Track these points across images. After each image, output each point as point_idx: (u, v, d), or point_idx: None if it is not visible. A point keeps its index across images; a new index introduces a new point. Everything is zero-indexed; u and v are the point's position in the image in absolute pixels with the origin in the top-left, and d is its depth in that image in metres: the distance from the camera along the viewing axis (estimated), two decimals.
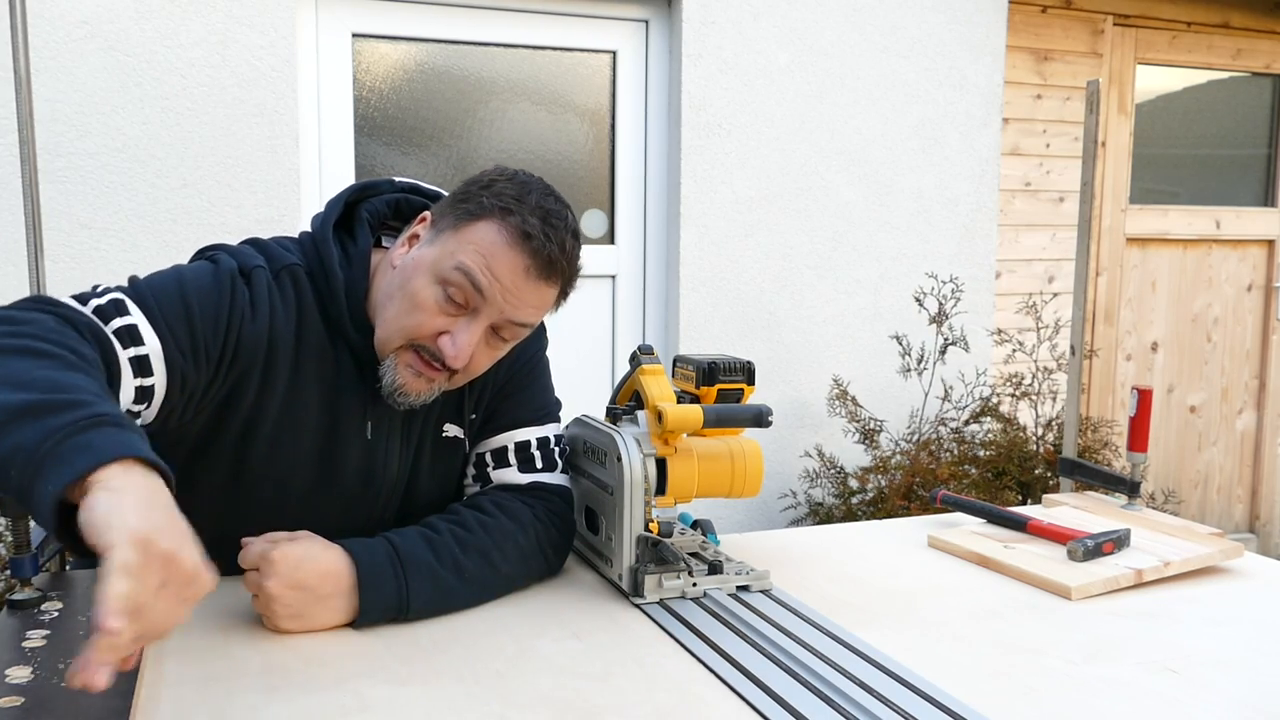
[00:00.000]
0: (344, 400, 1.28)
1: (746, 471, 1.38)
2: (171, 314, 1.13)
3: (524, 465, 1.38)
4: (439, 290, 1.20)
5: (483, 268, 1.19)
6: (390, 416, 1.31)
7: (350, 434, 1.29)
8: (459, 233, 1.21)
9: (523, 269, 1.20)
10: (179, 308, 1.14)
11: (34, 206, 1.41)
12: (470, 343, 1.21)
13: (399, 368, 1.23)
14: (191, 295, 1.16)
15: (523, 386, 1.41)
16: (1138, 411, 1.78)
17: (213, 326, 1.16)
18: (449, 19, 3.10)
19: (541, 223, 1.20)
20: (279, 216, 2.86)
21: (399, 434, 1.33)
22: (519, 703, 1.01)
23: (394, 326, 1.23)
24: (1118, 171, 4.05)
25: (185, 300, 1.15)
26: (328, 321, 1.26)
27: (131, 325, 1.10)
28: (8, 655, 1.03)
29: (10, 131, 2.59)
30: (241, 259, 1.23)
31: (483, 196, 1.22)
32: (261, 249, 1.27)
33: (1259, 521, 4.51)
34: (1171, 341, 4.28)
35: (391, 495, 1.35)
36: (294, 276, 1.25)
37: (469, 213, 1.22)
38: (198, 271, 1.20)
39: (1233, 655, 1.17)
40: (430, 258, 1.22)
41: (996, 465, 3.23)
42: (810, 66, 3.42)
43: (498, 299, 1.20)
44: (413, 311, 1.21)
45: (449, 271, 1.19)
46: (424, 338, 1.21)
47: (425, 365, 1.23)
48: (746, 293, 3.41)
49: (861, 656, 1.12)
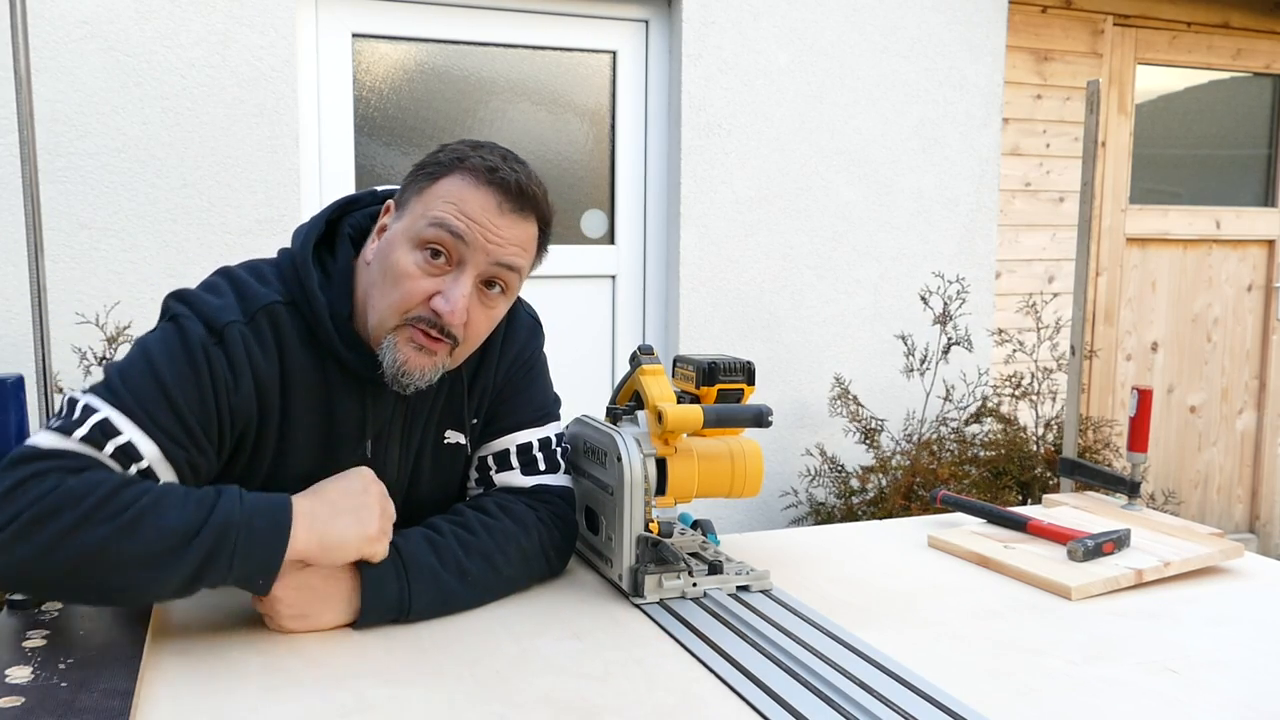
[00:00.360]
0: (339, 425, 1.26)
1: (746, 471, 1.38)
2: (158, 411, 1.10)
3: (526, 467, 1.38)
4: (419, 254, 1.18)
5: (456, 214, 1.18)
6: (389, 426, 1.29)
7: (347, 456, 1.27)
8: (423, 196, 1.20)
9: (495, 205, 1.19)
10: (162, 402, 1.11)
11: (34, 206, 1.41)
12: (463, 294, 1.18)
13: (398, 345, 1.20)
14: (170, 384, 1.12)
15: (522, 388, 1.40)
16: (1138, 411, 1.78)
17: (200, 410, 1.13)
18: (449, 19, 3.10)
19: (502, 160, 1.21)
20: (279, 216, 2.86)
21: (398, 443, 1.31)
22: (519, 703, 1.01)
23: (384, 307, 1.20)
24: (1118, 171, 4.05)
25: (166, 393, 1.11)
26: (315, 347, 1.23)
27: (126, 443, 1.08)
28: (8, 655, 1.04)
29: (10, 131, 2.59)
30: (210, 315, 1.17)
31: (438, 157, 1.22)
32: (235, 286, 1.22)
33: (1259, 522, 4.51)
34: (1171, 341, 4.28)
35: (393, 499, 1.34)
36: (271, 316, 1.20)
37: (429, 175, 1.21)
38: (168, 349, 1.14)
39: (1233, 655, 1.17)
40: (403, 228, 1.21)
41: (997, 465, 3.23)
42: (810, 66, 3.42)
43: (479, 241, 1.18)
44: (398, 283, 1.18)
45: (424, 230, 1.18)
46: (416, 305, 1.19)
47: (425, 337, 1.20)
48: (746, 293, 3.41)
49: (861, 656, 1.12)
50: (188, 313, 1.17)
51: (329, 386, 1.24)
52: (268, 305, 1.20)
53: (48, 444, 1.06)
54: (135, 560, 1.02)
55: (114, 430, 1.08)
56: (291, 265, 1.25)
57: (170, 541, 1.03)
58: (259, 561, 1.08)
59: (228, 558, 1.05)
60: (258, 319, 1.19)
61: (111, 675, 1.00)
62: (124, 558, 1.02)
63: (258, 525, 1.07)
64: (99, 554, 1.01)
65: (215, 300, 1.19)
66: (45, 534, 1.00)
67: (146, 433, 1.09)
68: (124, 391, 1.11)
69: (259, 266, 1.27)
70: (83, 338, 2.59)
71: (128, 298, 2.73)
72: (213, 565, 1.05)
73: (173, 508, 1.05)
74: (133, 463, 1.09)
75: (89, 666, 1.01)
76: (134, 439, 1.09)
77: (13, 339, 2.64)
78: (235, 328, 1.17)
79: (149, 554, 1.03)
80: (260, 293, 1.21)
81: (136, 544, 1.02)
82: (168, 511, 1.04)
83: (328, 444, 1.26)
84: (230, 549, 1.05)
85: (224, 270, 1.26)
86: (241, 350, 1.17)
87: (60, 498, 1.01)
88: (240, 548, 1.06)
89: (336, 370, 1.24)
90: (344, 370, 1.24)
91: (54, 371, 1.61)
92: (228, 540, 1.05)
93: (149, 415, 1.10)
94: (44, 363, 1.50)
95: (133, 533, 1.02)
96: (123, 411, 1.09)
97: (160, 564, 1.03)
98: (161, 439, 1.10)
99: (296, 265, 1.24)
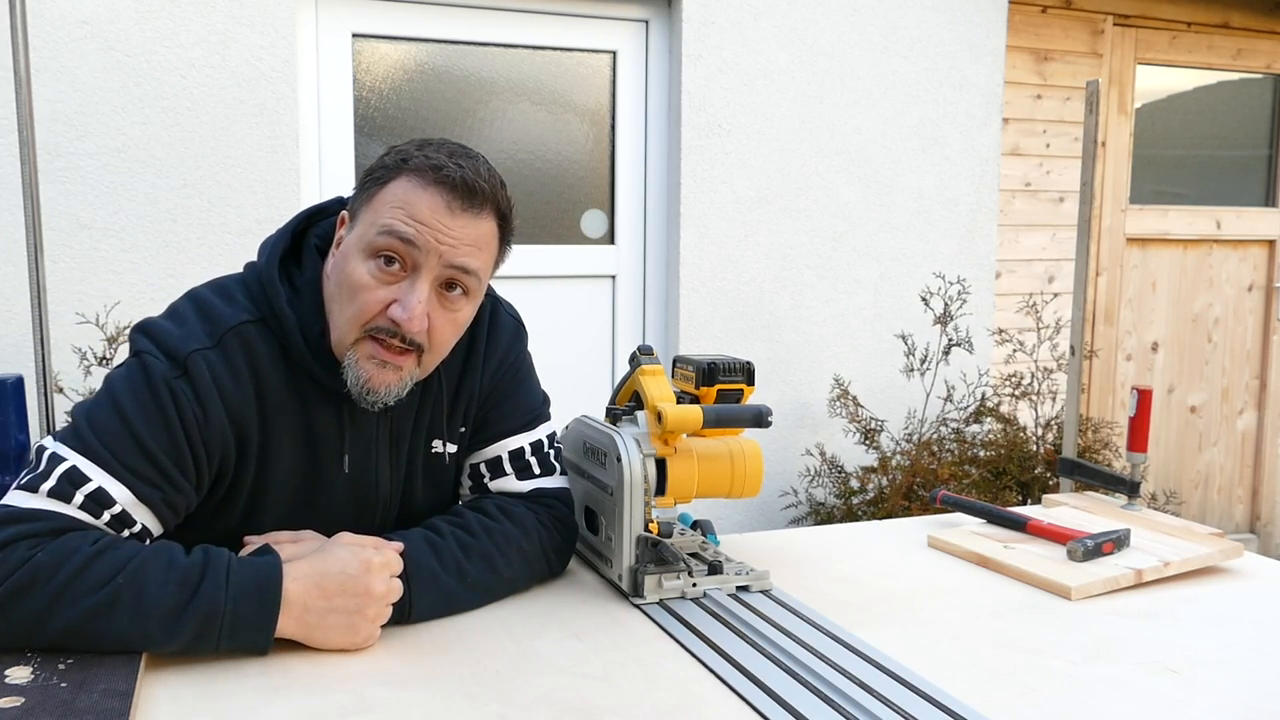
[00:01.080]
0: (319, 442, 1.24)
1: (746, 472, 1.38)
2: (126, 454, 1.09)
3: (521, 473, 1.37)
4: (371, 263, 1.15)
5: (404, 218, 1.14)
6: (373, 441, 1.28)
7: (329, 472, 1.26)
8: (372, 203, 1.18)
9: (444, 205, 1.15)
10: (130, 444, 1.09)
11: (34, 206, 1.41)
12: (419, 300, 1.15)
13: (359, 362, 1.17)
14: (137, 425, 1.10)
15: (509, 392, 1.38)
16: (1138, 412, 1.78)
17: (170, 447, 1.11)
18: (449, 19, 3.10)
19: (448, 158, 1.17)
20: (279, 216, 2.86)
21: (387, 457, 1.30)
22: (519, 703, 1.01)
23: (342, 321, 1.18)
24: (1118, 172, 4.05)
25: (133, 434, 1.10)
26: (289, 364, 1.20)
27: (96, 489, 1.07)
28: (8, 655, 1.04)
29: (10, 131, 2.59)
30: (172, 347, 1.14)
31: (385, 161, 1.20)
32: (200, 310, 1.19)
33: (1259, 522, 4.51)
34: (1172, 341, 4.28)
35: (387, 516, 1.33)
36: (242, 338, 1.17)
37: (376, 180, 1.19)
38: (132, 389, 1.12)
39: (1233, 655, 1.17)
40: (354, 238, 1.18)
41: (997, 465, 3.23)
42: (810, 66, 3.42)
43: (430, 244, 1.14)
44: (354, 295, 1.16)
45: (374, 238, 1.15)
46: (373, 316, 1.16)
47: (387, 351, 1.17)
48: (746, 293, 3.41)
49: (861, 656, 1.12)
50: (151, 348, 1.15)
51: (306, 403, 1.22)
52: (236, 326, 1.17)
53: (17, 504, 1.06)
54: (117, 639, 1.03)
55: (82, 478, 1.07)
56: (259, 282, 1.22)
57: (149, 625, 1.03)
58: (246, 642, 1.07)
59: (213, 642, 1.05)
60: (225, 342, 1.16)
61: (111, 675, 1.00)
62: (107, 634, 1.03)
63: (243, 611, 1.05)
64: (79, 631, 1.02)
65: (177, 330, 1.16)
66: (21, 612, 1.01)
67: (116, 477, 1.08)
68: (90, 437, 1.09)
69: (226, 285, 1.23)
70: (83, 338, 2.59)
71: (128, 298, 2.73)
72: (199, 647, 1.06)
73: (153, 583, 1.04)
74: (105, 509, 1.08)
75: (89, 666, 1.01)
76: (104, 484, 1.08)
77: (13, 339, 2.64)
78: (199, 357, 1.14)
79: (131, 632, 1.03)
80: (226, 314, 1.18)
81: (115, 624, 1.02)
82: (148, 588, 1.03)
83: (310, 461, 1.24)
84: (215, 635, 1.05)
85: (190, 294, 1.23)
86: (208, 379, 1.14)
87: (30, 574, 1.01)
88: (225, 633, 1.05)
89: (312, 387, 1.22)
90: (320, 386, 1.22)
91: (54, 371, 1.61)
92: (212, 627, 1.05)
93: (117, 459, 1.09)
94: (44, 363, 1.50)
95: (110, 613, 1.02)
96: (90, 458, 1.08)
97: (146, 641, 1.04)
98: (132, 481, 1.09)
99: (264, 282, 1.21)
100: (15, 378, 1.93)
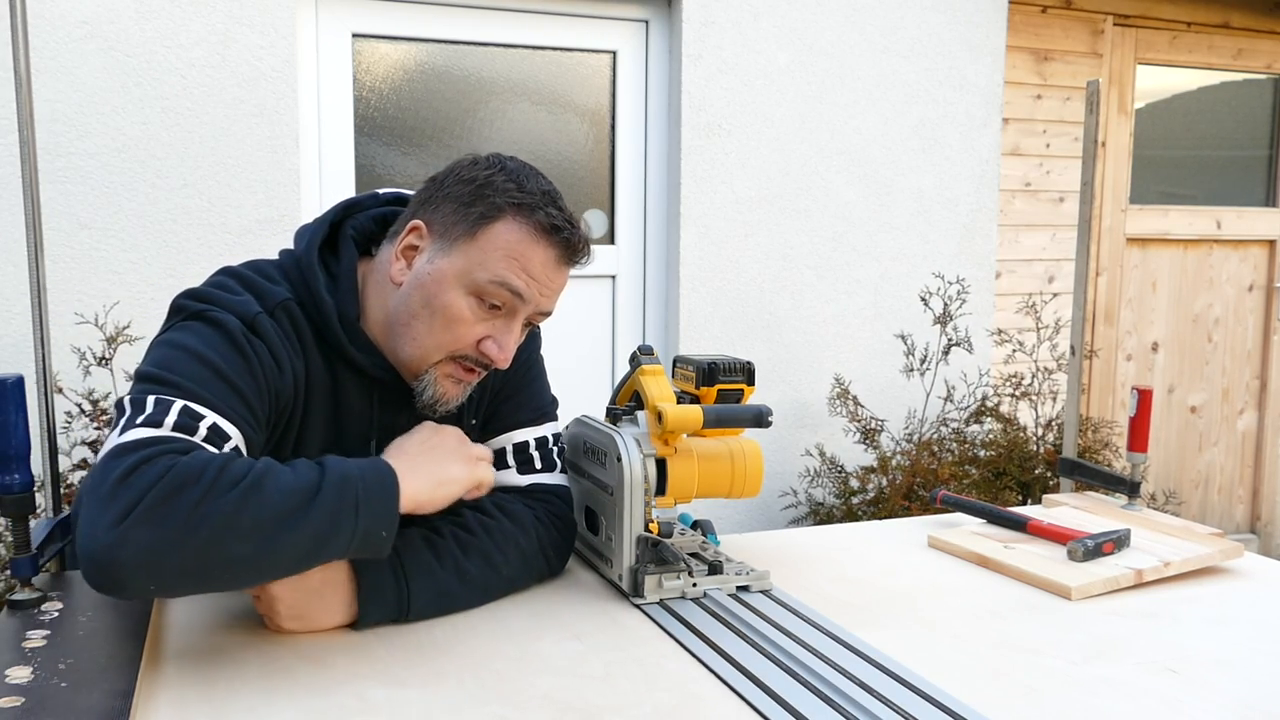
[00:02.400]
0: (347, 423, 1.28)
1: (746, 472, 1.38)
2: (223, 395, 1.11)
3: (523, 466, 1.38)
4: (474, 301, 1.22)
5: (518, 272, 1.21)
6: (399, 428, 1.29)
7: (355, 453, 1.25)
8: (477, 240, 1.21)
9: (554, 261, 1.23)
10: (224, 386, 1.11)
11: (34, 206, 1.41)
12: (515, 342, 1.25)
13: (439, 379, 1.25)
14: (225, 369, 1.12)
15: (520, 388, 1.41)
16: (1138, 412, 1.78)
17: (257, 394, 1.15)
18: (449, 19, 3.10)
19: (558, 211, 1.23)
20: (279, 216, 2.86)
21: None
22: (519, 703, 1.01)
23: (430, 343, 1.23)
24: (1118, 172, 4.05)
25: (224, 377, 1.12)
26: (323, 347, 1.24)
27: (213, 424, 1.08)
28: (8, 655, 1.04)
29: (10, 131, 2.59)
30: (238, 309, 1.18)
31: (489, 195, 1.21)
32: (248, 286, 1.22)
33: (1260, 522, 4.51)
34: (1172, 342, 4.28)
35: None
36: (289, 313, 1.22)
37: (482, 216, 1.21)
38: (209, 341, 1.14)
39: (1233, 655, 1.17)
40: (454, 269, 1.21)
41: (997, 465, 3.23)
42: (810, 66, 3.42)
43: (535, 297, 1.23)
44: (450, 326, 1.22)
45: (485, 285, 1.20)
46: (465, 347, 1.23)
47: (467, 373, 1.25)
48: (746, 293, 3.41)
49: (861, 656, 1.12)
50: (215, 308, 1.17)
51: (337, 385, 1.26)
52: (283, 302, 1.22)
53: (143, 435, 1.04)
54: (268, 523, 1.01)
55: (198, 415, 1.07)
56: (296, 266, 1.26)
57: (295, 500, 1.03)
58: (381, 508, 1.08)
59: (352, 508, 1.05)
60: (278, 314, 1.21)
61: (111, 675, 1.00)
62: (257, 521, 1.00)
63: (369, 477, 1.08)
64: (231, 522, 0.99)
65: (235, 297, 1.19)
66: (174, 513, 0.97)
67: (224, 416, 1.09)
68: (185, 382, 1.09)
69: (263, 266, 1.27)
70: (83, 338, 2.59)
71: (128, 298, 2.73)
72: (340, 519, 1.05)
73: (285, 473, 1.05)
74: (225, 442, 1.08)
75: (89, 666, 1.01)
76: (217, 421, 1.09)
77: (13, 339, 2.64)
78: (265, 320, 1.18)
79: (279, 513, 1.01)
80: (273, 290, 1.23)
81: (264, 506, 1.01)
82: (282, 476, 1.04)
83: (338, 441, 1.27)
84: (354, 499, 1.06)
85: (229, 270, 1.26)
86: (278, 341, 1.19)
87: (179, 475, 0.99)
88: (362, 497, 1.06)
89: (345, 369, 1.26)
90: (353, 370, 1.26)
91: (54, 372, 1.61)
92: (349, 490, 1.06)
93: (218, 398, 1.10)
94: (44, 363, 1.50)
95: (259, 495, 1.01)
96: (193, 400, 1.08)
97: (290, 523, 1.02)
98: (238, 420, 1.11)
99: (302, 267, 1.25)
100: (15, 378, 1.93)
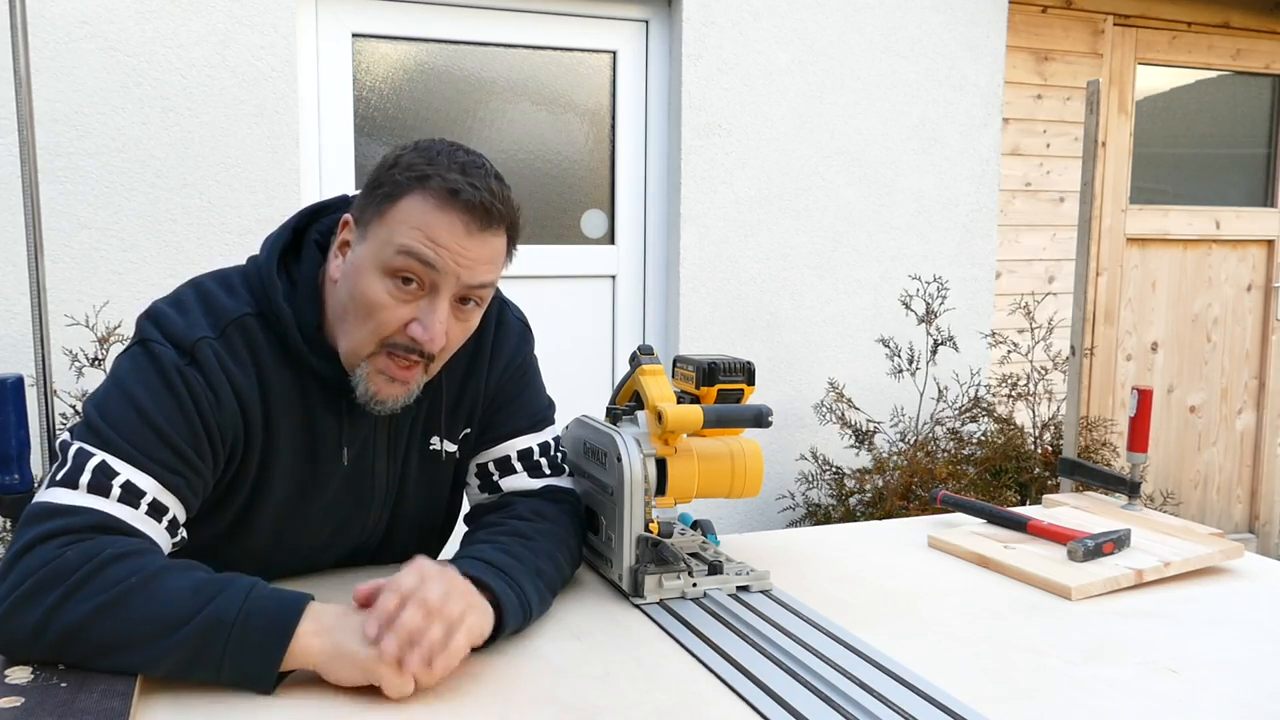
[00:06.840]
0: (318, 435, 1.25)
1: (746, 472, 1.38)
2: (146, 444, 1.09)
3: (532, 471, 1.38)
4: (389, 282, 1.16)
5: (423, 240, 1.14)
6: (370, 436, 1.28)
7: (328, 465, 1.26)
8: (385, 219, 1.17)
9: (462, 227, 1.15)
10: (149, 434, 1.10)
11: (34, 206, 1.41)
12: (440, 320, 1.17)
13: (370, 376, 1.19)
14: (153, 414, 1.10)
15: (515, 394, 1.39)
16: (1138, 411, 1.78)
17: (187, 433, 1.12)
18: (449, 19, 3.10)
19: (462, 175, 1.16)
20: (279, 216, 2.85)
21: (385, 452, 1.30)
22: (519, 703, 1.01)
23: (358, 335, 1.18)
24: (1118, 171, 4.05)
25: (150, 423, 1.10)
26: (287, 358, 1.21)
27: (126, 482, 1.07)
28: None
29: (10, 131, 2.59)
30: (178, 336, 1.15)
31: (394, 175, 1.17)
32: (203, 300, 1.20)
33: (1259, 522, 4.51)
34: (1171, 341, 4.28)
35: (382, 510, 1.34)
36: (243, 329, 1.18)
37: (387, 195, 1.17)
38: (144, 381, 1.12)
39: (1233, 655, 1.17)
40: (369, 254, 1.17)
41: (993, 465, 3.23)
42: (810, 66, 3.42)
43: (450, 266, 1.15)
44: (372, 312, 1.16)
45: (392, 258, 1.15)
46: (392, 333, 1.17)
47: (398, 367, 1.19)
48: (746, 293, 3.41)
49: (861, 656, 1.12)
50: (157, 336, 1.15)
51: (305, 396, 1.23)
52: (238, 318, 1.18)
53: (57, 500, 1.05)
54: (113, 644, 0.99)
55: (112, 472, 1.07)
56: (258, 275, 1.23)
57: (150, 629, 0.99)
58: (255, 666, 1.00)
59: (216, 658, 0.99)
60: (229, 333, 1.17)
61: (111, 676, 0.99)
62: (102, 638, 0.99)
63: (254, 625, 1.00)
64: (78, 632, 0.99)
65: (182, 319, 1.17)
66: (34, 609, 0.99)
67: (140, 468, 1.09)
68: (108, 430, 1.09)
69: (228, 276, 1.24)
70: (81, 338, 2.59)
71: (128, 298, 2.73)
72: (200, 661, 1.00)
73: (167, 589, 1.01)
74: (139, 499, 1.08)
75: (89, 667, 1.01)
76: (131, 477, 1.08)
77: (13, 339, 2.64)
78: (206, 344, 1.15)
79: (128, 638, 0.99)
80: (229, 305, 1.19)
81: (115, 625, 0.99)
82: (159, 592, 1.01)
83: (309, 452, 1.25)
84: (220, 649, 0.99)
85: (193, 282, 1.24)
86: (215, 365, 1.15)
87: (52, 572, 1.00)
88: (232, 649, 0.99)
89: (311, 380, 1.23)
90: (319, 380, 1.23)
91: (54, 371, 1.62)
92: (217, 636, 0.99)
93: (138, 450, 1.09)
94: (44, 363, 1.50)
95: (113, 612, 0.99)
96: (112, 452, 1.08)
97: (139, 650, 0.99)
98: (156, 470, 1.09)
99: (262, 277, 1.22)
100: (15, 378, 1.93)
